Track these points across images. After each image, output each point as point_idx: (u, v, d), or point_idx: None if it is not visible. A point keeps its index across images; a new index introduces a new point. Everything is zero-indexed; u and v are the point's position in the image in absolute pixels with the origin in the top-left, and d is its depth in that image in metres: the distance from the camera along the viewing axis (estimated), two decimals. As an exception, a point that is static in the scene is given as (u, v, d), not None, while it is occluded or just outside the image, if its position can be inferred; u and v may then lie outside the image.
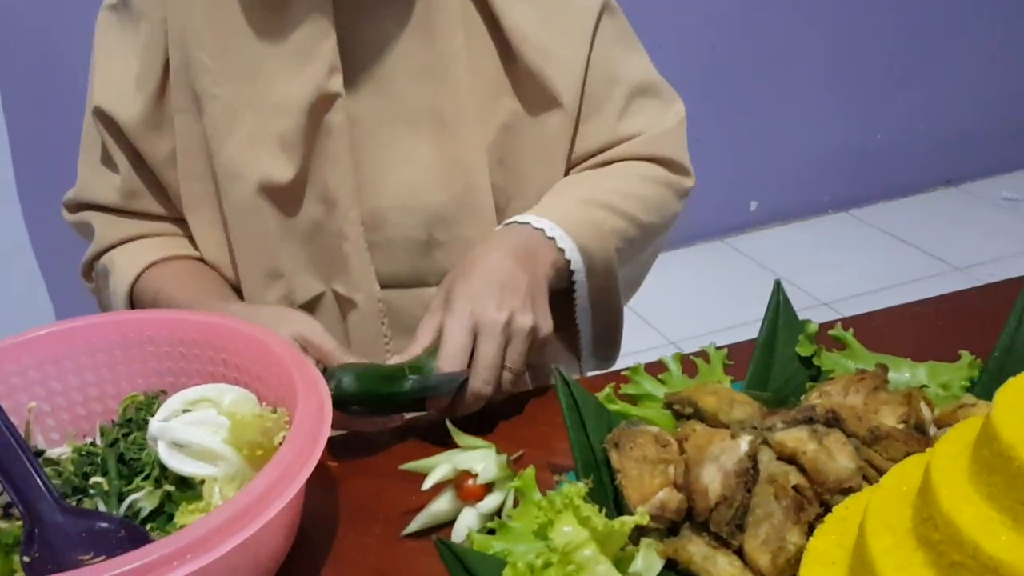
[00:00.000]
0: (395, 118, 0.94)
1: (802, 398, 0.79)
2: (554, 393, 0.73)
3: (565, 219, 0.90)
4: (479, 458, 0.71)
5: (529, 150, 0.97)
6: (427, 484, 0.71)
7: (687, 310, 2.56)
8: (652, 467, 0.69)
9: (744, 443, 0.67)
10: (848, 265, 2.75)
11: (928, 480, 0.52)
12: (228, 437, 0.66)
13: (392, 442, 0.85)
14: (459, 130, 0.94)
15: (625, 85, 0.99)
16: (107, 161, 0.98)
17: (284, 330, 0.82)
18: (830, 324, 0.88)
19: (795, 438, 0.69)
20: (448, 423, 0.73)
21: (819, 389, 0.77)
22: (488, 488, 0.71)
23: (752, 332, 0.84)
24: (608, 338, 1.00)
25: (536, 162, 0.98)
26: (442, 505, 0.72)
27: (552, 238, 0.89)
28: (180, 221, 1.00)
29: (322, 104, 0.91)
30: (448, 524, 0.72)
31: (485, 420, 0.85)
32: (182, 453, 0.66)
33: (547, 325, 0.85)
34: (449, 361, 0.80)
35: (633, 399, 0.80)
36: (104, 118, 0.94)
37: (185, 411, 0.68)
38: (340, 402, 0.76)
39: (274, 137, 0.90)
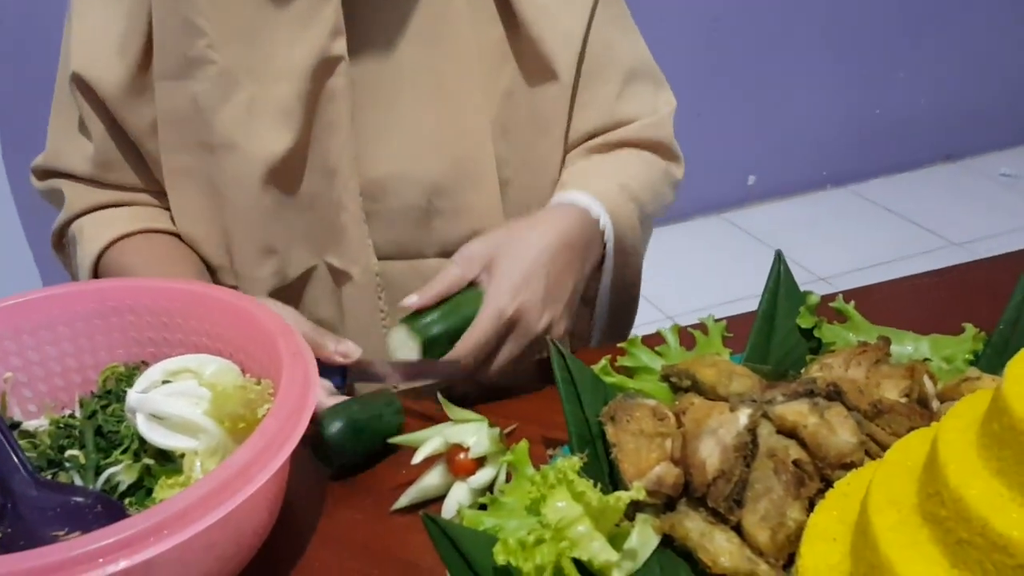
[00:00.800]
0: (396, 83, 0.91)
1: (802, 371, 0.77)
2: (549, 365, 0.71)
3: (614, 209, 0.91)
4: (471, 432, 0.69)
5: (529, 121, 0.95)
6: (417, 458, 0.69)
7: (684, 285, 2.54)
8: (649, 441, 0.67)
9: (743, 416, 0.65)
10: (846, 240, 2.73)
11: (935, 455, 0.50)
12: (209, 409, 0.63)
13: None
14: (461, 96, 0.91)
15: (622, 66, 0.98)
16: (82, 129, 0.94)
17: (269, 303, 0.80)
18: (831, 296, 0.86)
19: (795, 411, 0.67)
20: (439, 396, 0.71)
21: (820, 362, 0.75)
22: (480, 463, 0.69)
23: (751, 307, 0.82)
24: (620, 323, 1.00)
25: (537, 133, 0.96)
26: (433, 480, 0.70)
27: (603, 230, 0.90)
28: (157, 193, 0.96)
29: (324, 68, 0.87)
30: (439, 499, 0.70)
31: (477, 392, 0.83)
32: (161, 425, 0.64)
33: (570, 324, 0.86)
34: (468, 352, 0.80)
35: (630, 372, 0.77)
36: (82, 85, 0.90)
37: (165, 382, 0.66)
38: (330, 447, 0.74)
39: (274, 104, 0.87)
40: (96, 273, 0.92)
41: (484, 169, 0.93)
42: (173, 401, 0.64)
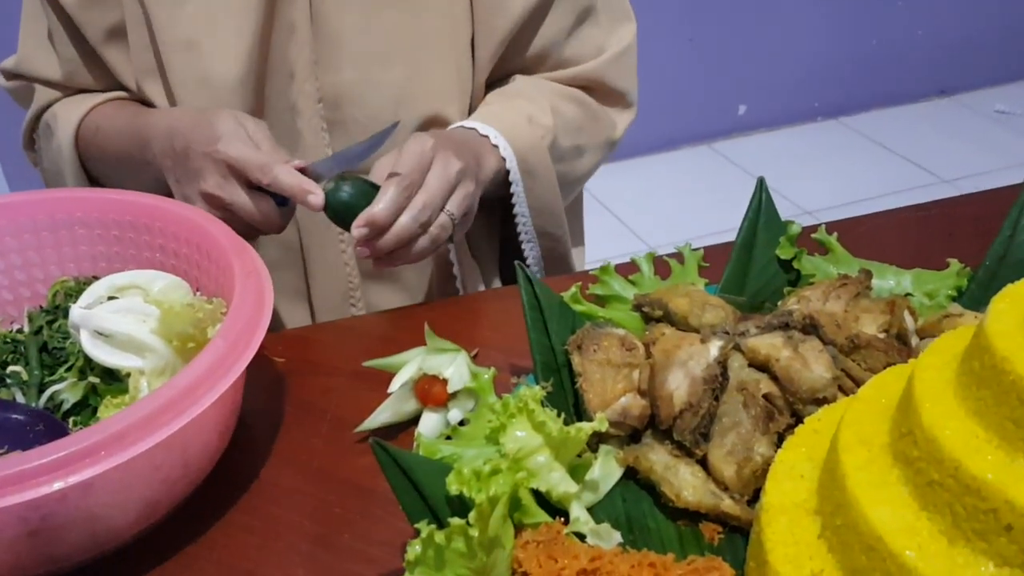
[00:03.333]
0: None
1: (779, 303, 0.75)
2: (515, 292, 0.69)
3: (511, 132, 0.87)
4: (448, 362, 0.66)
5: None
6: (394, 385, 0.66)
7: (668, 216, 2.50)
8: (615, 371, 0.65)
9: (714, 348, 0.63)
10: (835, 174, 2.69)
11: (910, 393, 0.48)
12: (157, 327, 0.60)
13: (341, 338, 0.80)
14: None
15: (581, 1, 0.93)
16: (51, 37, 0.92)
17: (225, 117, 0.77)
18: (813, 228, 0.83)
19: (768, 344, 0.65)
20: (426, 327, 0.68)
21: (798, 294, 0.73)
22: (451, 396, 0.67)
23: (733, 238, 0.79)
24: (554, 253, 0.96)
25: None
26: (398, 407, 0.68)
27: (496, 146, 0.86)
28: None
29: None
30: (403, 427, 0.68)
31: (441, 320, 0.80)
32: (107, 343, 0.61)
33: (473, 215, 0.83)
34: (387, 172, 0.76)
35: (601, 300, 0.75)
36: None
37: (111, 298, 0.62)
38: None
39: (234, 2, 0.84)
40: (77, 150, 0.91)
41: (453, 77, 0.89)
42: (119, 318, 0.61)
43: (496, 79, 0.94)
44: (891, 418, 0.50)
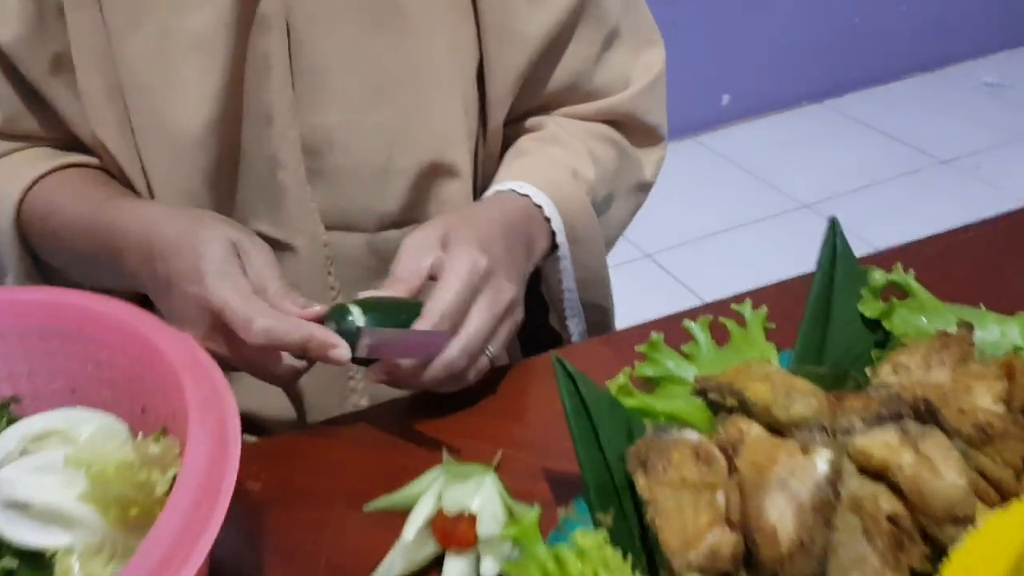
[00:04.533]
0: (339, 7, 0.72)
1: (867, 371, 0.61)
2: (540, 366, 0.54)
3: (559, 194, 0.75)
4: (473, 490, 0.51)
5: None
6: (408, 532, 0.51)
7: (657, 215, 2.35)
8: (694, 496, 0.50)
9: (821, 462, 0.49)
10: (827, 162, 2.57)
11: None
12: (88, 491, 0.45)
13: (336, 447, 0.65)
14: (423, 22, 0.73)
15: (606, 22, 0.79)
16: None
17: (215, 243, 0.63)
18: (879, 257, 0.70)
19: (883, 445, 0.51)
20: (445, 452, 0.53)
21: (892, 361, 0.59)
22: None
23: (730, 239, 0.67)
24: (600, 326, 0.84)
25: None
26: (414, 553, 0.53)
27: (548, 219, 0.74)
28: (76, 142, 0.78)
29: None
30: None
31: (447, 407, 0.66)
32: (23, 516, 0.45)
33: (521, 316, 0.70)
34: (437, 315, 0.62)
35: (651, 382, 0.61)
36: None
37: (25, 453, 0.47)
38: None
39: (191, 36, 0.70)
40: (19, 221, 0.75)
41: (459, 115, 0.75)
42: (37, 481, 0.45)
43: (511, 120, 0.80)
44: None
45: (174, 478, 0.49)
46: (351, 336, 0.60)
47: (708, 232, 2.17)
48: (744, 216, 2.26)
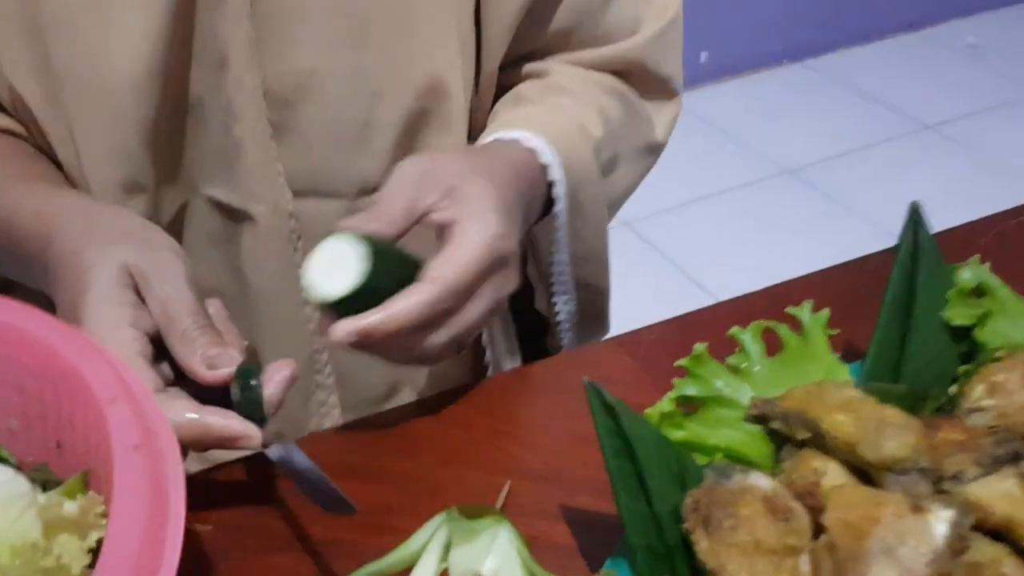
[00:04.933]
0: None
1: (951, 390, 0.51)
2: (531, 377, 0.45)
3: (566, 150, 0.65)
4: (485, 546, 0.41)
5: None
6: None
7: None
8: (771, 563, 0.40)
9: (941, 524, 0.38)
10: (810, 125, 2.49)
11: None
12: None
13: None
14: None
15: None
16: None
17: (101, 268, 0.51)
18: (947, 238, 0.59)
19: (1003, 495, 0.41)
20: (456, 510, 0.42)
21: (986, 380, 0.49)
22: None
23: (715, 206, 0.57)
24: (593, 309, 0.74)
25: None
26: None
27: (551, 182, 0.65)
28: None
29: None
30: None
31: (439, 426, 0.55)
32: None
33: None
34: (444, 290, 0.52)
35: (692, 402, 0.50)
36: None
37: None
38: None
39: None
40: None
41: (456, 59, 0.64)
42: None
43: (504, 66, 0.69)
44: None
45: (99, 543, 0.37)
46: (255, 407, 0.47)
47: (687, 199, 2.08)
48: (724, 182, 2.17)
